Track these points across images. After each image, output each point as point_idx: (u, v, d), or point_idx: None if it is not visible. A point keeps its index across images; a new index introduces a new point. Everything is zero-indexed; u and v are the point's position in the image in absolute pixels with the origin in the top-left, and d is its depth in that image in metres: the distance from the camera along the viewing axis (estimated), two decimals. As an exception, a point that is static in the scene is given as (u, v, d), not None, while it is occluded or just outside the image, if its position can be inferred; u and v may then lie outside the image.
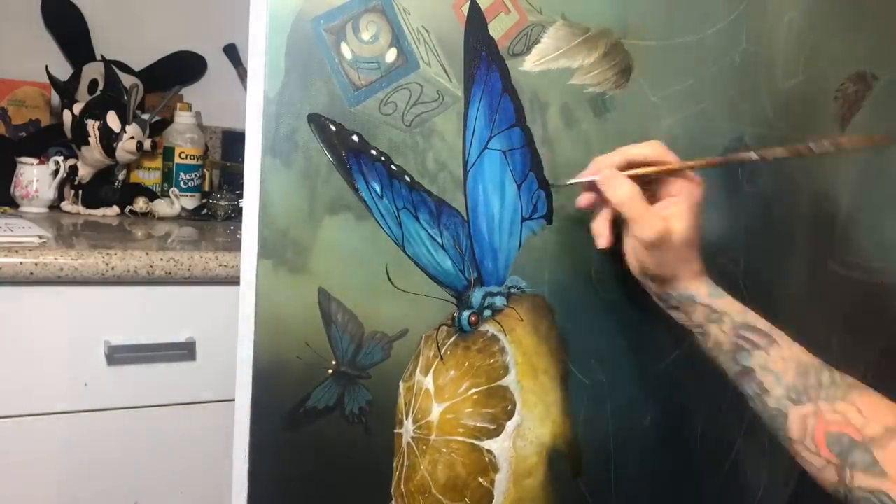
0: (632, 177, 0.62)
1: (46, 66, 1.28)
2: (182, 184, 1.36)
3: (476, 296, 0.66)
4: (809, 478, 0.59)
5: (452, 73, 0.63)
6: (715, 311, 0.63)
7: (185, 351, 1.01)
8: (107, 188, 1.29)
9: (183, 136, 1.38)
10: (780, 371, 0.60)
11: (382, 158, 0.61)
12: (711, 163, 0.63)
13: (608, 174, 0.63)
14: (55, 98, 1.33)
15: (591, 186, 0.65)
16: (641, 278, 0.66)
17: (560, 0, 0.66)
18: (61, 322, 0.95)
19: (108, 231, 1.14)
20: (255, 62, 0.58)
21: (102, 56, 1.36)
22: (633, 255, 0.64)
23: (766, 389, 0.60)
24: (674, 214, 0.61)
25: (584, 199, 0.66)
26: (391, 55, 0.61)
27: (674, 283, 0.63)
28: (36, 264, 0.90)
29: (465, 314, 0.65)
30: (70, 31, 1.39)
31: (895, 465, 0.53)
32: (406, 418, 0.65)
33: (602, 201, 0.64)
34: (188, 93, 1.50)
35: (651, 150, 0.63)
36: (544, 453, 0.70)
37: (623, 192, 0.61)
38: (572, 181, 0.66)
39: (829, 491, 0.58)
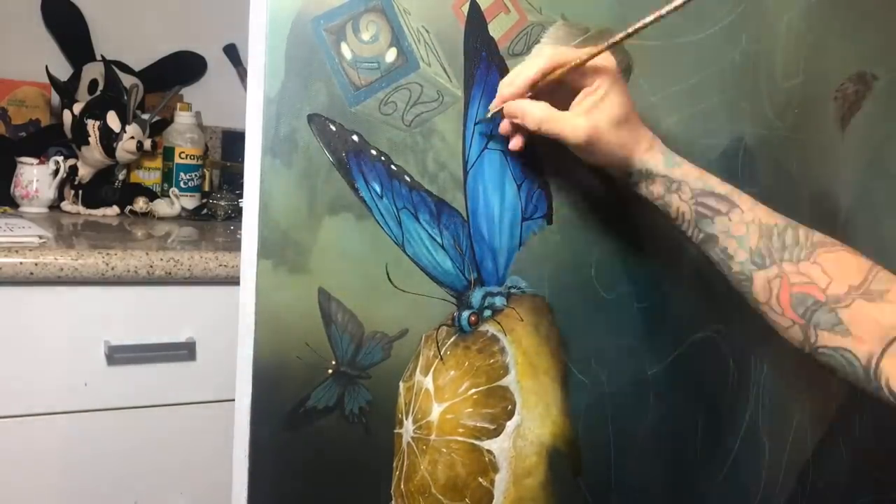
0: (540, 92, 0.61)
1: (46, 66, 1.28)
2: (182, 184, 1.36)
3: (476, 296, 0.66)
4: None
5: (452, 73, 0.63)
6: (673, 181, 0.61)
7: (185, 351, 1.01)
8: (107, 188, 1.29)
9: (183, 136, 1.37)
10: (743, 235, 0.59)
11: (382, 158, 0.61)
12: (609, 44, 0.59)
13: (512, 107, 0.61)
14: (55, 98, 1.33)
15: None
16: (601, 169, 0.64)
17: (560, 0, 0.66)
18: (61, 322, 0.95)
19: (108, 231, 1.14)
20: (255, 62, 0.58)
21: (102, 56, 1.36)
22: (579, 156, 0.63)
23: (730, 255, 0.60)
24: (593, 106, 0.59)
25: (503, 127, 0.63)
26: (391, 55, 0.61)
27: (628, 162, 0.61)
28: (36, 264, 0.90)
29: (465, 314, 0.65)
30: (70, 31, 1.39)
31: (858, 323, 0.54)
32: (406, 418, 0.65)
33: (518, 129, 0.63)
34: (188, 93, 1.50)
35: (545, 61, 0.60)
36: (544, 453, 0.70)
37: (534, 117, 0.60)
38: (488, 115, 0.63)
39: (796, 347, 0.58)
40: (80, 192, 1.27)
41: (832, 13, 0.79)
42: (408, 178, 0.62)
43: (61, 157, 1.25)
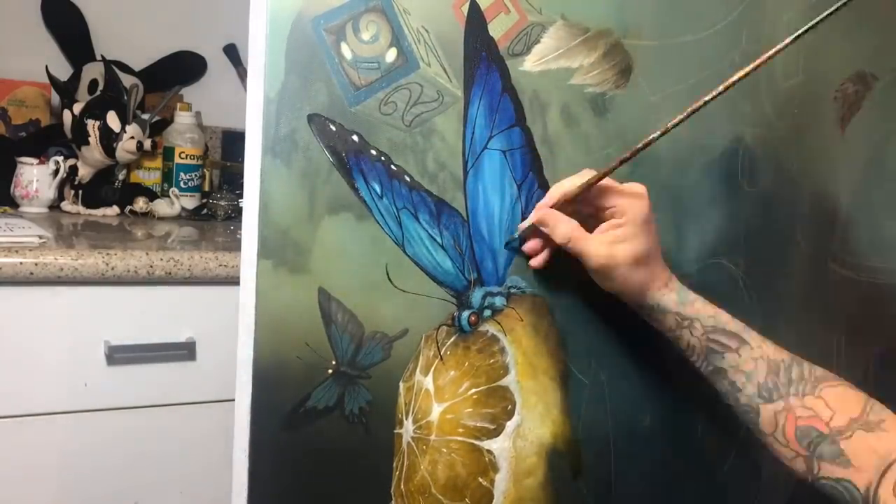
0: (571, 208, 0.63)
1: (46, 66, 1.29)
2: (182, 184, 1.36)
3: (476, 296, 0.66)
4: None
5: (452, 73, 0.63)
6: (685, 318, 0.64)
7: (185, 351, 1.01)
8: (107, 188, 1.29)
9: (183, 136, 1.38)
10: (751, 370, 0.62)
11: (382, 158, 0.61)
12: (624, 159, 0.61)
13: (544, 215, 0.63)
14: (55, 98, 1.33)
15: (535, 232, 0.65)
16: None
17: (560, 0, 0.66)
18: (61, 322, 0.95)
19: (108, 231, 1.14)
20: (255, 62, 0.58)
21: (102, 56, 1.36)
22: (594, 277, 0.65)
23: (739, 388, 0.63)
24: (616, 239, 0.62)
25: (529, 247, 0.66)
26: (391, 55, 0.61)
27: (641, 295, 0.64)
28: (36, 264, 0.90)
29: (465, 314, 0.65)
30: (70, 31, 1.39)
31: (858, 455, 0.57)
32: (406, 418, 0.65)
33: (546, 241, 0.65)
34: (188, 93, 1.50)
35: (581, 179, 0.62)
36: (544, 453, 0.70)
37: (562, 231, 0.62)
38: (519, 232, 0.66)
39: (799, 477, 0.60)
40: (80, 192, 1.27)
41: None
42: (408, 178, 0.62)
43: (61, 157, 1.25)
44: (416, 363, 0.65)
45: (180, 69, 1.49)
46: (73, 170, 1.26)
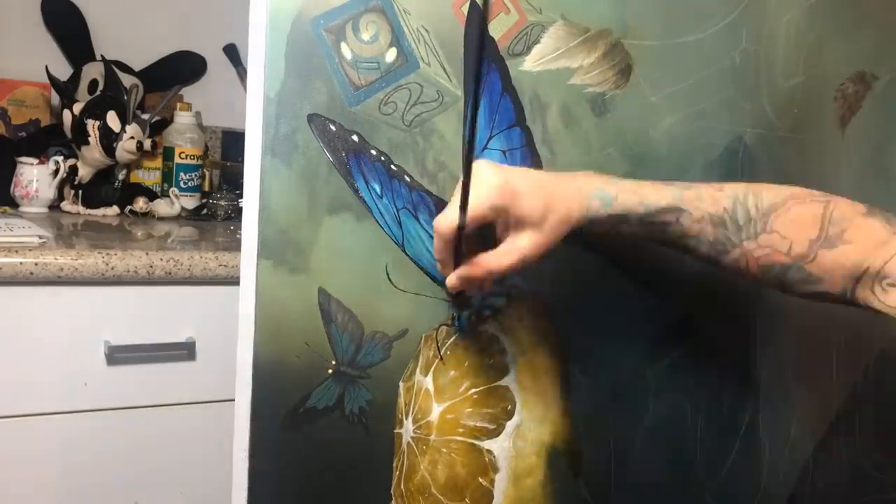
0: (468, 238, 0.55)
1: (46, 66, 1.28)
2: (182, 184, 1.36)
3: (476, 296, 0.66)
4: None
5: (452, 73, 0.63)
6: (615, 216, 0.59)
7: (185, 351, 1.01)
8: (107, 188, 1.29)
9: (183, 136, 1.37)
10: (697, 233, 0.60)
11: (382, 158, 0.61)
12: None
13: (458, 280, 0.57)
14: (55, 98, 1.33)
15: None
16: None
17: (560, 0, 0.66)
18: (61, 322, 0.95)
19: (108, 231, 1.14)
20: (255, 62, 0.58)
21: (102, 56, 1.36)
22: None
23: (692, 249, 0.62)
24: (511, 241, 0.56)
25: (451, 282, 0.58)
26: (391, 55, 0.61)
27: (571, 226, 0.58)
28: (36, 264, 0.90)
29: (465, 314, 0.65)
30: (70, 31, 1.39)
31: (826, 272, 0.58)
32: (406, 418, 0.65)
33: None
34: (188, 93, 1.50)
35: (442, 238, 0.55)
36: (544, 453, 0.70)
37: (484, 277, 0.57)
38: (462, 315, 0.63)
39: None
40: (80, 192, 1.27)
41: (832, 13, 0.79)
42: (408, 178, 0.62)
43: (61, 157, 1.25)
44: (416, 363, 0.65)
45: (180, 69, 1.49)
46: (73, 170, 1.26)
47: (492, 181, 0.55)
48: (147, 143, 1.28)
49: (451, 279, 0.57)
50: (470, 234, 0.55)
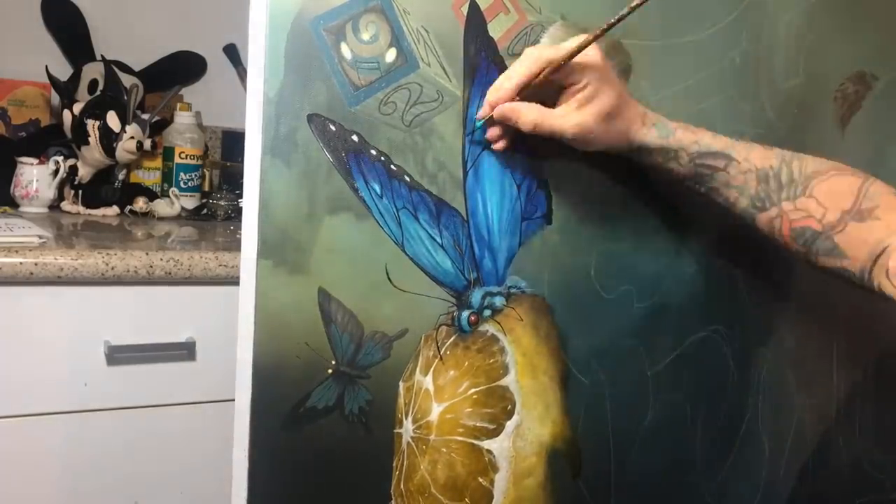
0: (529, 93, 0.61)
1: (46, 66, 1.28)
2: (182, 184, 1.36)
3: (476, 296, 0.66)
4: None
5: (452, 73, 0.63)
6: (670, 149, 0.64)
7: (185, 351, 1.00)
8: (107, 188, 1.29)
9: (183, 136, 1.37)
10: (742, 185, 0.64)
11: (382, 158, 0.61)
12: (589, 39, 0.59)
13: (504, 111, 0.62)
14: (55, 98, 1.33)
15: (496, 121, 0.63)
16: None
17: (560, 0, 0.66)
18: (61, 322, 0.95)
19: (108, 231, 1.14)
20: (255, 62, 0.58)
21: (102, 56, 1.36)
22: (576, 147, 0.64)
23: (732, 203, 0.65)
24: (581, 103, 0.61)
25: (491, 133, 0.64)
26: (391, 55, 0.61)
27: (625, 143, 0.64)
28: (36, 264, 0.90)
29: (465, 314, 0.65)
30: (70, 31, 1.39)
31: (851, 246, 0.60)
32: (406, 418, 0.65)
33: (510, 131, 0.63)
34: (188, 93, 1.50)
35: (532, 62, 0.61)
36: (544, 453, 0.70)
37: (527, 119, 0.61)
38: (478, 125, 0.64)
39: (801, 262, 0.65)
40: (80, 192, 1.27)
41: (832, 13, 0.79)
42: (407, 178, 0.62)
43: (61, 157, 1.25)
44: (416, 363, 0.65)
45: (180, 69, 1.49)
46: (73, 170, 1.26)
47: (592, 51, 0.60)
48: (147, 143, 1.28)
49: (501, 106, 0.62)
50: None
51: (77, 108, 1.25)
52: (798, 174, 0.63)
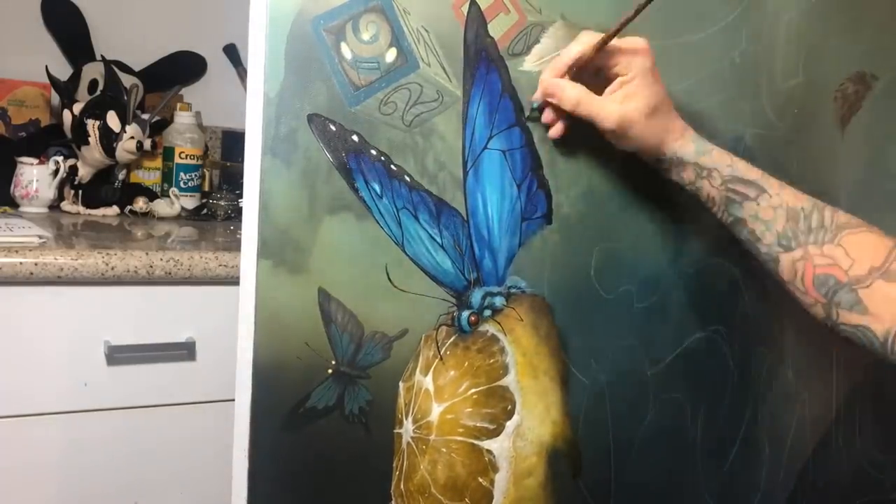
0: (577, 74, 0.63)
1: (46, 66, 1.28)
2: (182, 184, 1.36)
3: (476, 296, 0.66)
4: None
5: (452, 73, 0.63)
6: (703, 168, 0.63)
7: (185, 351, 1.00)
8: (107, 188, 1.29)
9: (183, 136, 1.37)
10: (770, 219, 0.62)
11: (382, 158, 0.61)
12: (629, 18, 0.61)
13: (548, 85, 0.63)
14: (55, 98, 1.33)
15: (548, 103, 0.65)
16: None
17: (560, 0, 0.66)
18: (61, 322, 0.95)
19: (108, 231, 1.14)
20: (255, 62, 0.58)
21: (102, 56, 1.36)
22: (610, 140, 0.65)
23: (758, 237, 0.63)
24: (627, 95, 0.62)
25: (546, 116, 0.66)
26: (391, 55, 0.61)
27: (659, 150, 0.64)
28: (36, 264, 0.90)
29: (465, 314, 0.65)
30: (70, 31, 1.39)
31: (876, 303, 0.57)
32: (406, 418, 0.65)
33: (560, 111, 0.65)
34: (188, 93, 1.50)
35: (583, 44, 0.62)
36: (544, 453, 0.70)
37: (570, 97, 0.62)
38: (534, 106, 0.65)
39: (819, 323, 0.61)
40: (80, 192, 1.27)
41: (832, 13, 0.79)
42: (407, 178, 0.62)
43: (61, 157, 1.25)
44: (416, 363, 0.65)
45: (180, 69, 1.49)
46: (73, 170, 1.26)
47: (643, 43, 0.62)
48: (147, 143, 1.28)
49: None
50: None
51: (77, 108, 1.25)
52: (829, 222, 0.60)
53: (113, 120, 1.24)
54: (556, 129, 0.66)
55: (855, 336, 0.58)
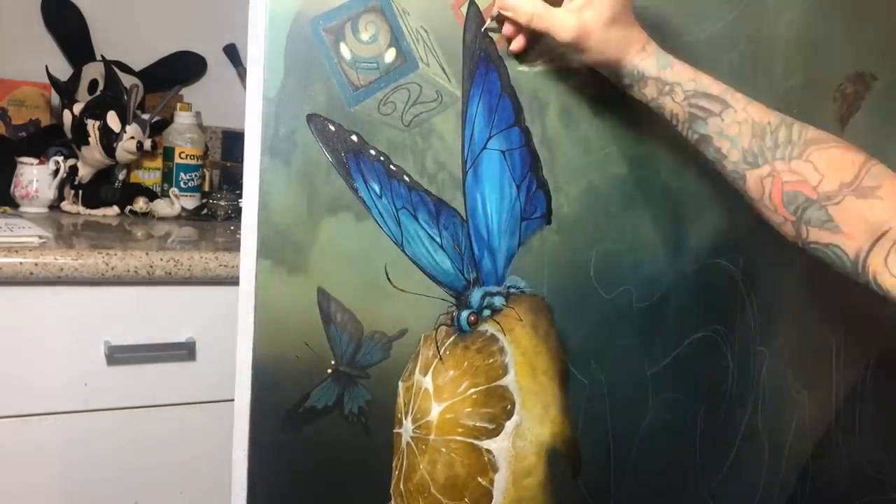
0: None
1: (46, 66, 1.28)
2: (182, 184, 1.36)
3: (475, 296, 0.66)
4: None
5: (451, 73, 0.63)
6: (665, 83, 0.61)
7: (185, 351, 1.01)
8: (107, 188, 1.29)
9: (183, 136, 1.37)
10: (735, 135, 0.59)
11: (381, 158, 0.61)
12: None
13: (505, 1, 0.61)
14: (55, 98, 1.33)
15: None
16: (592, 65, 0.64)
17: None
18: (61, 322, 0.95)
19: (108, 231, 1.14)
20: (255, 62, 0.58)
21: (102, 56, 1.36)
22: (569, 54, 0.63)
23: (724, 154, 0.60)
24: (584, 5, 0.60)
25: (506, 29, 0.64)
26: (390, 55, 0.61)
27: (620, 63, 0.62)
28: (36, 264, 0.90)
29: (465, 314, 0.65)
30: (70, 31, 1.39)
31: (847, 221, 0.55)
32: (405, 418, 0.65)
33: (519, 25, 0.63)
34: (188, 93, 1.50)
35: None
36: (543, 453, 0.70)
37: (525, 10, 0.61)
38: (493, 17, 0.63)
39: (790, 242, 0.59)
40: (80, 192, 1.27)
41: (832, 13, 0.79)
42: (407, 178, 0.62)
43: (61, 157, 1.25)
44: (416, 363, 0.65)
45: (180, 69, 1.49)
46: (73, 170, 1.26)
47: None
48: (147, 143, 1.28)
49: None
50: None
51: (77, 108, 1.25)
52: (797, 137, 0.58)
53: (113, 120, 1.24)
54: (517, 43, 0.64)
55: (825, 255, 0.57)
